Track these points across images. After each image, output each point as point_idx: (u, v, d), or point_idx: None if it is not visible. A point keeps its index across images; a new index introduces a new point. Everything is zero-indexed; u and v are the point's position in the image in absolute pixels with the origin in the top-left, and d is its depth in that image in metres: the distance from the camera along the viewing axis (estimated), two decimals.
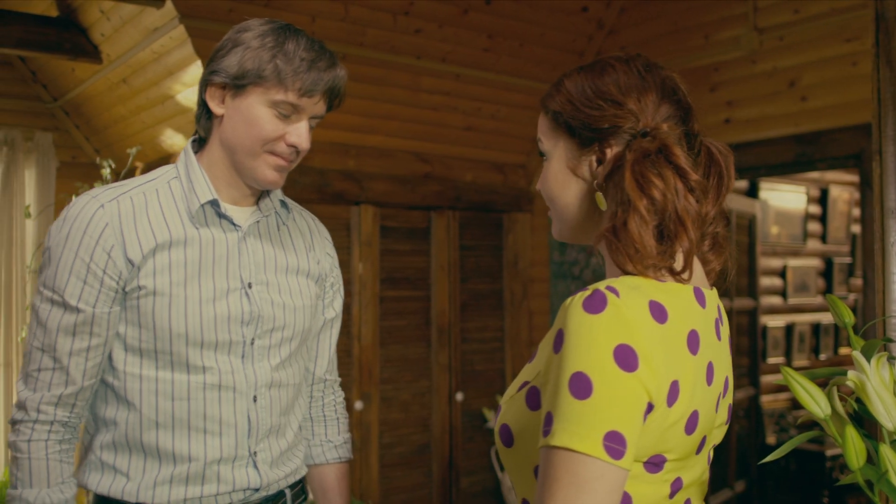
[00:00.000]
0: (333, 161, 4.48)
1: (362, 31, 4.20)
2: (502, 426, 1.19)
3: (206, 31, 3.78)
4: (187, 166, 1.64)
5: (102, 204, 1.56)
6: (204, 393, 1.59)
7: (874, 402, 1.17)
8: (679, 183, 1.12)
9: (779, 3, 4.06)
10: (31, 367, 1.57)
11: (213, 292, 1.60)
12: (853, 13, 3.76)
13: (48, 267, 1.55)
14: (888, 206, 1.69)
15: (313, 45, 1.59)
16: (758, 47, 4.13)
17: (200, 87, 1.64)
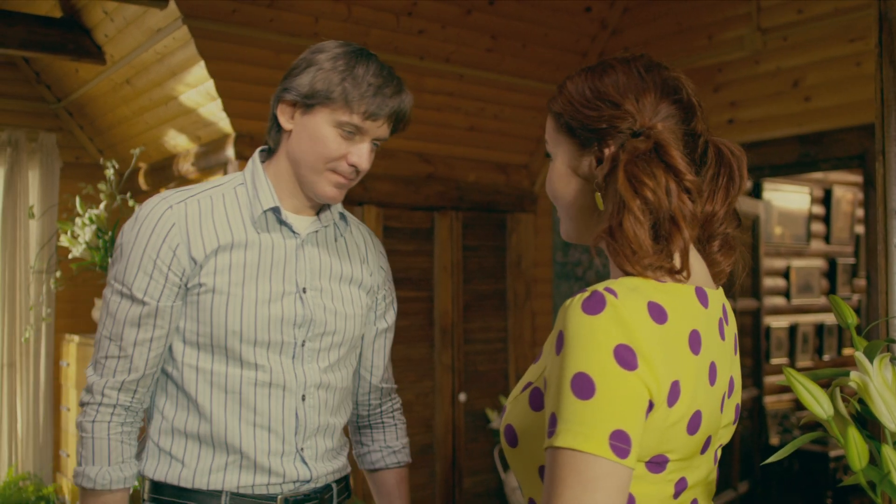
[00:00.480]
0: None
1: (365, 32, 4.20)
2: (507, 426, 1.20)
3: (209, 31, 3.79)
4: (253, 174, 1.74)
5: (171, 205, 1.67)
6: (255, 388, 1.69)
7: (877, 403, 1.17)
8: (672, 183, 1.12)
9: (782, 3, 4.05)
10: (100, 353, 1.68)
11: (269, 294, 1.69)
12: (857, 13, 3.76)
13: (119, 262, 1.67)
14: (891, 206, 1.69)
15: (382, 70, 1.67)
16: (761, 47, 4.13)
17: (273, 102, 1.73)
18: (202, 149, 4.43)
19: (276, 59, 4.03)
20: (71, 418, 4.70)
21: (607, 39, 4.92)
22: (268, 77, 4.06)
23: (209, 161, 4.36)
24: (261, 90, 4.08)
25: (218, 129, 4.22)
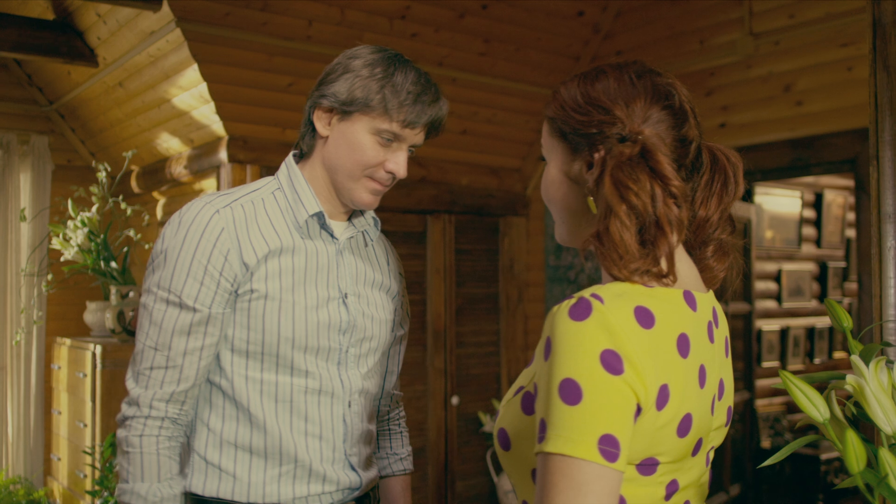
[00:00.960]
0: None
1: (358, 36, 4.20)
2: (500, 430, 1.21)
3: (203, 34, 3.78)
4: (291, 179, 1.73)
5: (218, 209, 1.63)
6: (305, 396, 1.67)
7: (873, 407, 1.17)
8: (658, 188, 1.13)
9: (774, 8, 4.07)
10: (143, 365, 1.62)
11: (317, 300, 1.68)
12: (848, 18, 3.78)
13: (163, 268, 1.61)
14: (885, 210, 1.70)
15: (419, 78, 1.66)
16: (753, 52, 4.14)
17: (309, 107, 1.71)
18: (195, 152, 4.42)
19: (269, 63, 4.03)
20: (62, 422, 4.69)
21: (600, 43, 4.93)
22: (261, 80, 4.06)
23: (202, 164, 4.35)
24: (254, 93, 4.08)
25: (211, 131, 4.21)
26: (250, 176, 4.22)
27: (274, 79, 4.10)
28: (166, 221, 1.69)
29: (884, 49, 1.70)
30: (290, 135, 4.32)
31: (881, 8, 1.71)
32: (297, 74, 4.14)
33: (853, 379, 1.19)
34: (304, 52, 4.09)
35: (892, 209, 1.69)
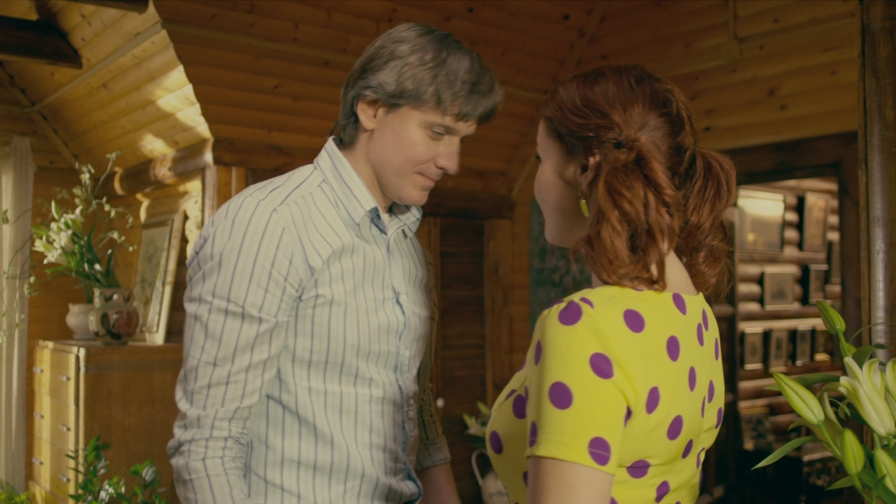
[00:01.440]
0: None
1: (345, 38, 4.20)
2: (492, 433, 1.22)
3: (189, 36, 3.77)
4: (339, 170, 1.58)
5: (275, 208, 1.47)
6: (370, 406, 1.56)
7: (866, 408, 1.18)
8: (651, 196, 1.13)
9: (759, 12, 4.10)
10: (200, 382, 1.45)
11: (374, 302, 1.57)
12: (832, 23, 3.81)
13: (217, 274, 1.44)
14: (874, 214, 1.71)
15: (473, 64, 1.52)
16: (738, 56, 4.17)
17: (350, 97, 1.57)
18: (180, 153, 4.40)
19: (256, 64, 4.02)
20: (45, 425, 4.65)
21: (585, 47, 4.95)
22: (247, 82, 4.05)
23: (187, 166, 4.33)
24: (240, 95, 4.07)
25: (196, 133, 4.19)
26: (235, 179, 4.20)
27: (260, 81, 4.09)
28: (209, 222, 1.51)
29: (872, 54, 1.72)
30: (276, 137, 4.31)
31: (870, 14, 1.73)
32: (284, 76, 4.14)
33: (847, 381, 1.20)
34: (290, 54, 4.09)
35: (881, 213, 1.71)
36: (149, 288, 4.72)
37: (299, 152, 4.39)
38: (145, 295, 4.74)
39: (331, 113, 4.38)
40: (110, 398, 4.11)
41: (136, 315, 4.33)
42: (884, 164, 1.70)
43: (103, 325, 4.23)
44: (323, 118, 4.40)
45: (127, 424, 4.14)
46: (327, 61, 4.22)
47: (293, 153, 4.37)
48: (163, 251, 4.64)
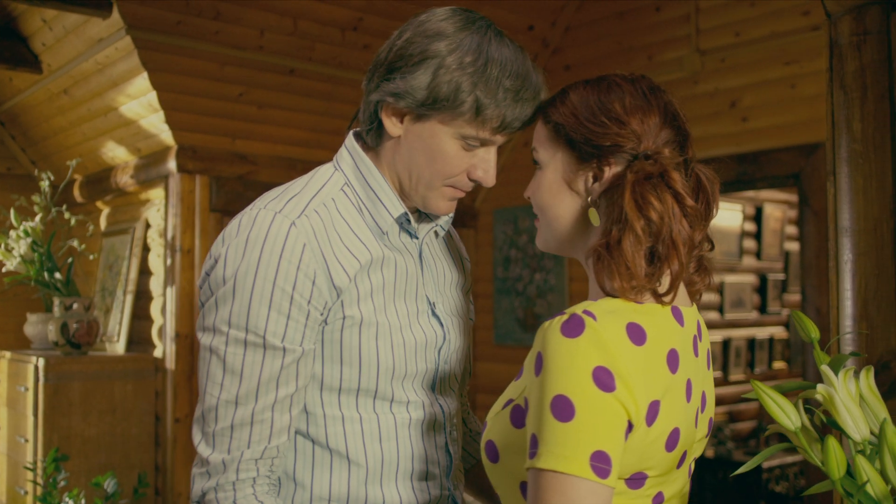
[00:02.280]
0: (280, 176, 4.44)
1: (311, 46, 4.19)
2: (488, 442, 1.21)
3: (153, 42, 3.74)
4: (362, 173, 1.39)
5: (293, 221, 1.28)
6: (409, 430, 1.39)
7: (842, 415, 1.21)
8: (676, 207, 1.14)
9: (720, 26, 4.17)
10: (221, 424, 1.28)
11: (408, 316, 1.39)
12: (792, 37, 3.88)
13: (232, 301, 1.26)
14: (842, 224, 1.75)
15: (517, 64, 1.31)
16: (700, 68, 4.23)
17: (374, 101, 1.36)
18: (142, 161, 4.36)
19: (221, 72, 4.00)
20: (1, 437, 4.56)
21: (549, 58, 4.99)
22: (212, 90, 4.02)
23: (149, 174, 4.29)
24: (205, 102, 4.05)
25: (159, 141, 4.16)
26: (199, 187, 4.17)
27: (225, 88, 4.06)
28: (218, 240, 1.33)
29: (840, 69, 1.76)
30: (241, 145, 4.29)
31: (838, 29, 1.77)
32: (249, 84, 4.12)
33: (823, 388, 1.22)
34: (256, 61, 4.07)
35: (849, 224, 1.74)
36: (109, 297, 4.66)
37: (264, 160, 4.37)
38: (105, 304, 4.67)
39: (296, 121, 4.38)
40: (70, 409, 4.04)
41: (97, 324, 4.27)
42: (851, 175, 1.73)
43: (63, 334, 4.17)
44: (288, 126, 4.39)
45: (87, 436, 4.07)
46: (293, 69, 4.20)
47: (258, 161, 4.35)
48: (124, 259, 4.58)
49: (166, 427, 4.16)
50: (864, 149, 1.71)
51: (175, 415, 4.13)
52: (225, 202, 4.25)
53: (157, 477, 4.22)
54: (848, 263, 1.74)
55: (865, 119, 1.71)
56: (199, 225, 4.19)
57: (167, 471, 4.16)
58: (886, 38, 1.70)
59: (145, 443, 4.23)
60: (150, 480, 4.20)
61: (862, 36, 1.72)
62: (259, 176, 4.36)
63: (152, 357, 4.27)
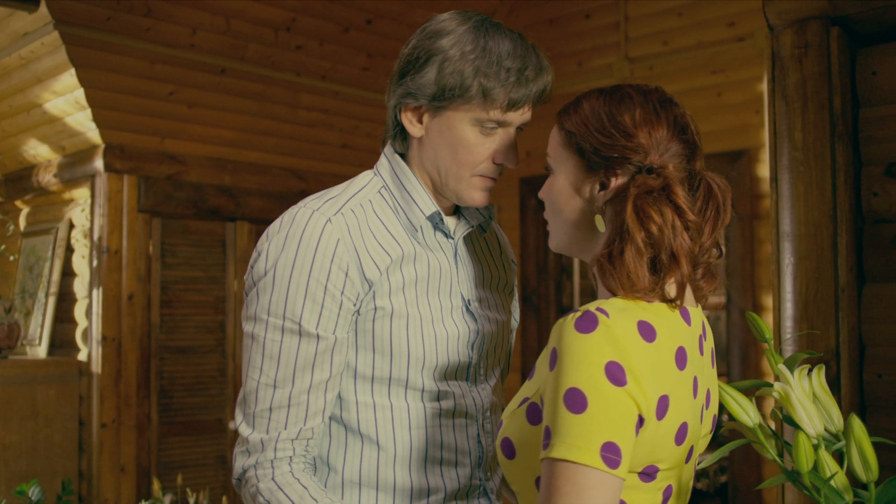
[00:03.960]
0: (209, 176, 4.40)
1: (243, 46, 4.15)
2: (504, 439, 1.23)
3: (82, 38, 3.65)
4: (397, 175, 1.48)
5: (329, 218, 1.38)
6: (440, 420, 1.47)
7: (798, 411, 1.26)
8: (677, 221, 1.17)
9: (649, 34, 4.27)
10: (261, 406, 1.38)
11: (441, 311, 1.47)
12: (718, 47, 4.01)
13: (271, 291, 1.37)
14: (783, 229, 1.82)
15: (516, 46, 1.41)
16: (629, 75, 4.33)
17: (393, 107, 1.48)
18: (66, 160, 4.24)
19: (151, 70, 3.93)
20: None
21: None
22: (141, 88, 3.95)
23: (74, 173, 4.18)
24: (134, 101, 3.97)
25: (86, 139, 4.06)
26: (127, 186, 4.09)
27: (155, 87, 3.99)
28: (263, 236, 1.44)
29: (782, 80, 1.83)
30: (170, 144, 4.22)
31: (780, 42, 1.84)
32: (180, 83, 4.05)
33: (780, 386, 1.28)
34: (187, 60, 4.01)
35: (790, 228, 1.82)
36: (30, 299, 4.52)
37: (193, 161, 4.30)
38: (26, 306, 4.54)
39: (227, 121, 4.33)
40: None
41: (18, 327, 4.15)
42: (792, 182, 1.81)
43: None
44: (218, 126, 4.33)
45: (8, 442, 3.95)
46: (224, 69, 4.15)
47: (187, 161, 4.28)
48: (46, 261, 4.45)
49: (91, 432, 4.06)
50: (805, 157, 1.79)
51: (101, 420, 4.04)
52: (153, 203, 4.17)
53: (82, 484, 4.12)
54: (789, 267, 1.82)
55: (806, 128, 1.79)
56: (126, 226, 4.10)
57: (92, 477, 4.06)
58: (826, 52, 1.77)
59: (69, 449, 4.12)
60: (75, 487, 4.09)
61: (803, 49, 1.79)
62: (188, 176, 4.30)
63: (76, 361, 4.16)
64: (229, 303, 4.45)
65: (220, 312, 4.43)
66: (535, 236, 4.97)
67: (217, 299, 4.43)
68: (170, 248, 4.26)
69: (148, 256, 4.18)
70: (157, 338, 4.19)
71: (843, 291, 1.75)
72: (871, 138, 1.83)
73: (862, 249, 1.82)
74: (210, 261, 4.42)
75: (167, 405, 4.23)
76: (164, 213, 4.22)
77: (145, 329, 4.15)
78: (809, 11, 1.79)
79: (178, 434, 4.26)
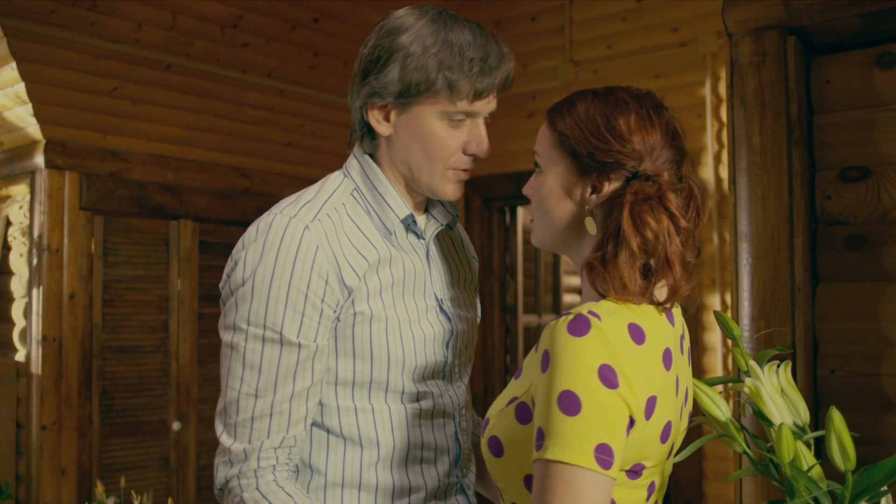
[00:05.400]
0: (153, 173, 4.33)
1: (189, 42, 4.10)
2: (491, 437, 1.25)
3: (24, 31, 3.58)
4: (368, 177, 1.49)
5: (307, 225, 1.37)
6: (419, 420, 1.48)
7: (768, 405, 1.32)
8: (671, 227, 1.20)
9: (593, 38, 4.35)
10: (242, 416, 1.37)
11: (417, 312, 1.48)
12: (661, 52, 4.10)
13: (250, 300, 1.35)
14: (741, 230, 1.88)
15: (476, 37, 1.42)
16: (573, 78, 4.40)
17: (358, 108, 1.47)
18: (5, 155, 4.14)
19: (95, 65, 3.86)
20: None
21: None
22: (85, 83, 3.88)
23: (13, 169, 4.08)
24: (76, 96, 3.89)
25: (25, 134, 3.96)
26: (69, 183, 4.00)
27: (98, 82, 3.92)
28: (238, 244, 1.43)
29: (741, 86, 1.89)
30: (113, 141, 4.15)
31: (738, 49, 1.90)
32: (124, 78, 3.99)
33: (751, 382, 1.33)
34: (131, 55, 3.95)
35: (747, 229, 1.88)
36: None
37: (136, 158, 4.24)
38: None
39: (171, 118, 4.28)
40: None
41: None
42: (750, 185, 1.87)
43: None
44: (163, 123, 4.27)
45: None
46: (170, 65, 4.10)
47: (130, 158, 4.22)
48: None
49: (31, 435, 3.97)
50: (762, 161, 1.85)
51: (41, 422, 3.95)
52: (96, 200, 4.09)
53: (19, 487, 4.02)
54: (746, 267, 1.88)
55: (764, 134, 1.85)
56: (68, 223, 4.02)
57: (31, 480, 3.97)
58: (783, 60, 1.84)
59: (6, 452, 4.02)
60: (12, 491, 3.99)
61: (761, 57, 1.86)
62: (131, 173, 4.23)
63: (13, 361, 4.06)
64: (173, 302, 4.39)
65: (163, 312, 4.37)
66: (479, 236, 5.01)
67: (160, 298, 4.36)
68: (112, 246, 4.18)
69: (90, 255, 4.10)
70: (98, 338, 4.11)
71: (799, 290, 1.82)
72: (825, 143, 1.90)
73: (816, 250, 1.90)
74: (153, 259, 4.35)
75: (109, 406, 4.16)
76: (107, 210, 4.15)
77: (87, 329, 4.07)
78: (767, 21, 1.85)
79: (121, 436, 4.19)
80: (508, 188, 4.73)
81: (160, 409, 4.35)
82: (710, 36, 4.00)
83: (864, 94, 1.87)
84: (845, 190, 1.87)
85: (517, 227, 5.13)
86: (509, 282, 5.07)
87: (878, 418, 1.80)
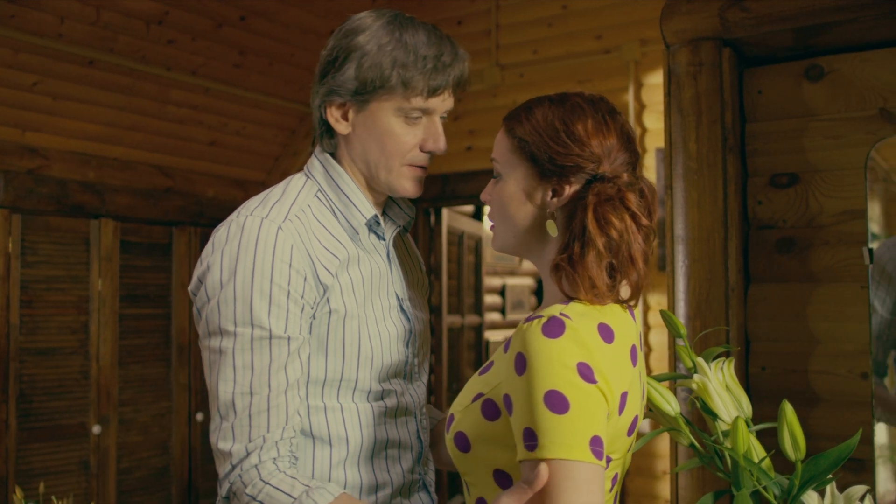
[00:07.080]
0: (73, 171, 4.23)
1: (113, 38, 4.02)
2: (457, 433, 1.28)
3: None
4: (332, 177, 1.52)
5: (280, 225, 1.39)
6: (385, 418, 1.51)
7: (715, 401, 1.38)
8: (633, 225, 1.25)
9: (520, 43, 4.42)
10: (240, 415, 1.37)
11: (382, 311, 1.51)
12: (586, 58, 4.20)
13: (234, 301, 1.36)
14: (677, 233, 1.96)
15: (430, 35, 1.46)
16: (499, 82, 4.47)
17: (317, 107, 1.51)
18: None
19: (14, 59, 3.76)
20: None
21: None
22: (4, 77, 3.77)
23: None
24: None
25: None
26: None
27: (18, 76, 3.82)
28: (208, 247, 1.44)
29: (678, 94, 1.97)
30: (31, 137, 4.04)
31: (675, 59, 1.98)
32: (45, 73, 3.89)
33: (699, 378, 1.39)
34: (53, 50, 3.85)
35: (683, 232, 1.96)
36: None
37: (56, 155, 4.14)
38: None
39: (93, 115, 4.19)
40: None
41: None
42: (686, 189, 1.94)
43: None
44: (84, 120, 4.18)
45: None
46: (92, 61, 4.01)
47: (49, 156, 4.11)
48: None
49: None
50: (698, 166, 1.93)
51: None
52: (14, 198, 3.98)
53: None
54: (682, 268, 1.96)
55: (700, 140, 1.93)
56: None
57: None
58: (719, 70, 1.92)
59: None
60: None
61: (697, 67, 1.94)
62: (51, 171, 4.12)
63: None
64: (93, 303, 4.30)
65: (83, 312, 4.27)
66: None
67: (80, 299, 4.27)
68: (30, 245, 4.07)
69: (7, 254, 3.98)
70: (16, 339, 4.00)
71: (733, 291, 1.90)
72: (757, 151, 1.99)
73: (748, 253, 1.99)
74: (73, 259, 4.25)
75: (27, 410, 4.04)
76: (25, 208, 4.04)
77: (4, 330, 3.95)
78: (703, 32, 1.93)
79: (39, 440, 4.08)
80: (434, 190, 4.77)
81: (79, 412, 4.26)
82: (634, 44, 4.11)
83: (793, 105, 1.96)
84: (776, 195, 1.97)
85: (442, 228, 5.17)
86: (434, 283, 5.11)
87: (807, 413, 1.90)
